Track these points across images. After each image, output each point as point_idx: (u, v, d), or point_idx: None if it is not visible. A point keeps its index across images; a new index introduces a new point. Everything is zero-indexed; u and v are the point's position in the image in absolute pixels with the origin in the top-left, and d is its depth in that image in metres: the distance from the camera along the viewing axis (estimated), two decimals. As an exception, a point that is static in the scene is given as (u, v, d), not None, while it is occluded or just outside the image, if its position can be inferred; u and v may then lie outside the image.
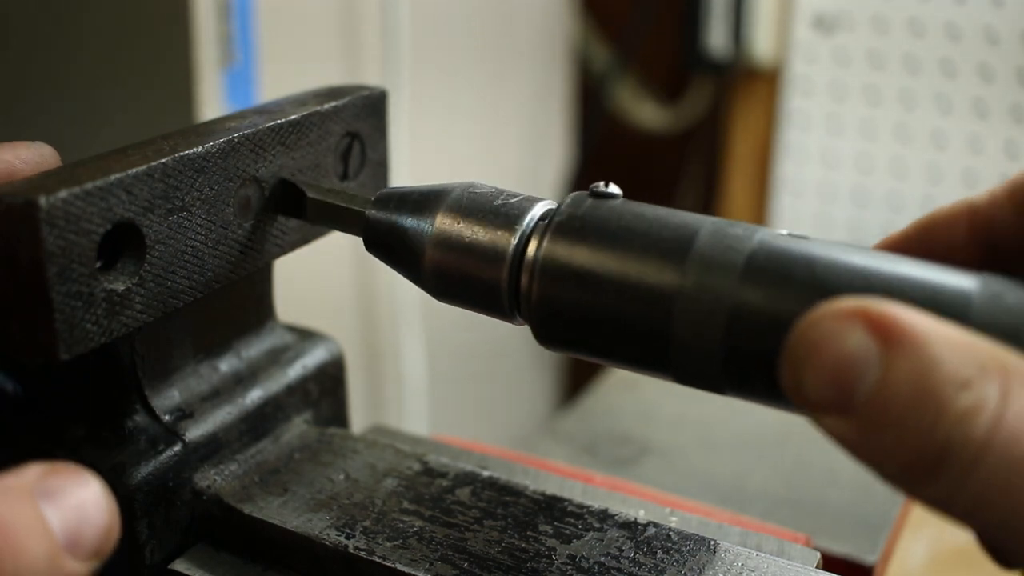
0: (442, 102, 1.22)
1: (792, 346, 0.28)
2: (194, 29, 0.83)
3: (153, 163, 0.38)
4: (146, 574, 0.42)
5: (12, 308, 0.35)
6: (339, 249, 1.05)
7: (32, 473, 0.29)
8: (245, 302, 0.47)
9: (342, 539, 0.41)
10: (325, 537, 0.41)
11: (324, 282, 1.07)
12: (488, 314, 0.40)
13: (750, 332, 0.32)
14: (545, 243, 0.37)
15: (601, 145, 1.55)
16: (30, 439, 0.42)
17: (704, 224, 0.35)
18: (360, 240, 0.43)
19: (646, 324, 0.35)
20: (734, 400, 0.35)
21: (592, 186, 0.38)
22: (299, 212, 0.45)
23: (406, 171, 1.10)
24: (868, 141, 1.40)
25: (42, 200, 0.34)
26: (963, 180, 1.35)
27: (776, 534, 0.44)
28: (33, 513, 0.28)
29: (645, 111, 1.56)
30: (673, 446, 0.75)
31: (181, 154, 0.39)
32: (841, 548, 0.61)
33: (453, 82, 1.24)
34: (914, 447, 0.27)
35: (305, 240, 0.47)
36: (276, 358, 0.48)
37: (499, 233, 0.39)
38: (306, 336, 0.50)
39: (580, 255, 0.36)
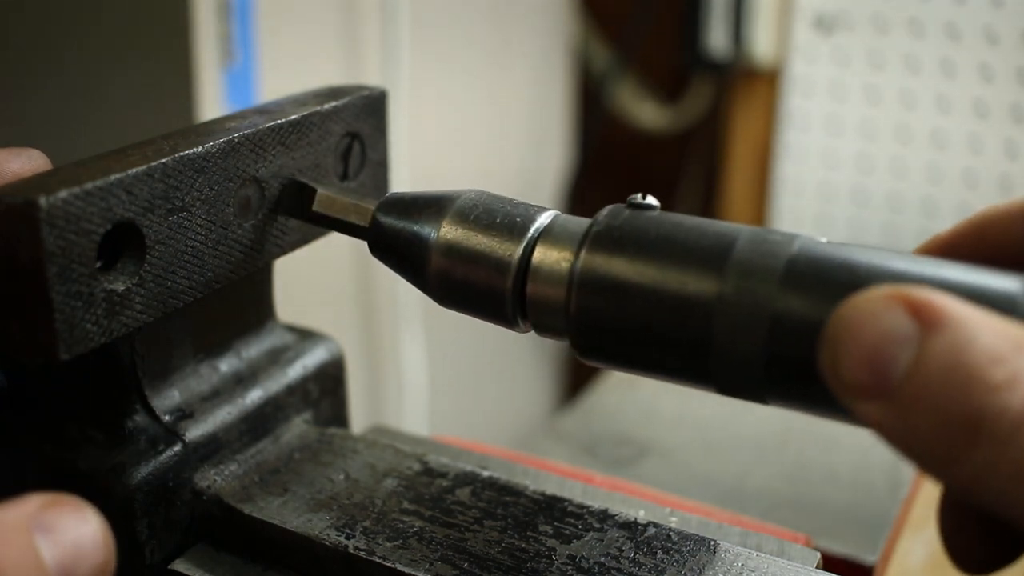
0: (442, 102, 1.22)
1: (830, 329, 0.28)
2: (194, 29, 0.83)
3: (153, 163, 0.38)
4: (146, 574, 0.42)
5: (12, 308, 0.35)
6: (339, 249, 1.05)
7: (31, 505, 0.29)
8: (245, 302, 0.47)
9: (342, 539, 0.41)
10: (325, 537, 0.41)
11: (324, 282, 1.07)
12: (492, 321, 0.40)
13: (792, 337, 0.32)
14: (583, 255, 0.37)
15: (601, 145, 1.55)
16: (30, 439, 0.42)
17: (743, 232, 0.35)
18: (360, 241, 0.43)
19: (687, 333, 0.34)
20: (734, 400, 0.35)
21: (629, 198, 0.38)
22: (302, 214, 0.45)
23: (406, 171, 1.10)
24: (868, 141, 1.39)
25: (42, 200, 0.34)
26: (963, 180, 1.35)
27: (776, 534, 0.44)
28: (27, 547, 0.28)
29: (645, 111, 1.56)
30: (673, 446, 0.75)
31: (181, 154, 0.39)
32: (841, 548, 0.61)
33: (453, 82, 1.24)
34: (948, 420, 0.26)
35: (305, 240, 0.47)
36: (276, 358, 0.48)
37: (504, 242, 0.39)
38: (306, 336, 0.50)
39: (618, 266, 0.36)
